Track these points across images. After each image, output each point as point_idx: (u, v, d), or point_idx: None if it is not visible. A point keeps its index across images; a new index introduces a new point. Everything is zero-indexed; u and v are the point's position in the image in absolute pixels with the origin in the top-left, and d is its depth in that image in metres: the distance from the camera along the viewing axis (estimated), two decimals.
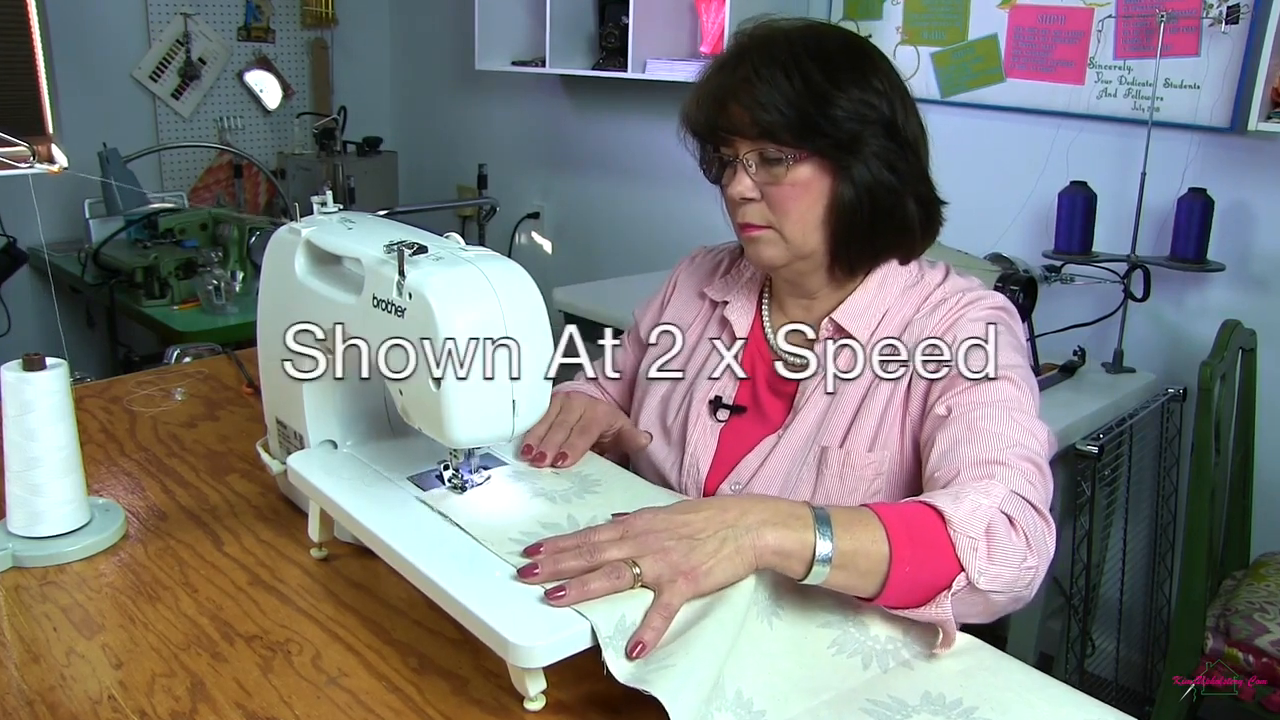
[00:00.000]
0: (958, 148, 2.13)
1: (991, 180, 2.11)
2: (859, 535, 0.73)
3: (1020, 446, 0.83)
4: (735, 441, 1.01)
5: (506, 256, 0.80)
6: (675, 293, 1.15)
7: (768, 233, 0.94)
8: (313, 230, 0.90)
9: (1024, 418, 0.85)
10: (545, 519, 0.79)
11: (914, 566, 0.73)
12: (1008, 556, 0.74)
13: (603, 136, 2.98)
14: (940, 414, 0.87)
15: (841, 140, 0.90)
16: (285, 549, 0.93)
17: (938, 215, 0.98)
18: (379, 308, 0.78)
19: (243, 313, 2.39)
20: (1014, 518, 0.76)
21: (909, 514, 0.76)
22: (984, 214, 2.09)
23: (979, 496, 0.76)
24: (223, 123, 3.29)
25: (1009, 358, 0.90)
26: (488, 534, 0.76)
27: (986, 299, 0.95)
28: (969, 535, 0.74)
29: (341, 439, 0.94)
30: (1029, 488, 0.80)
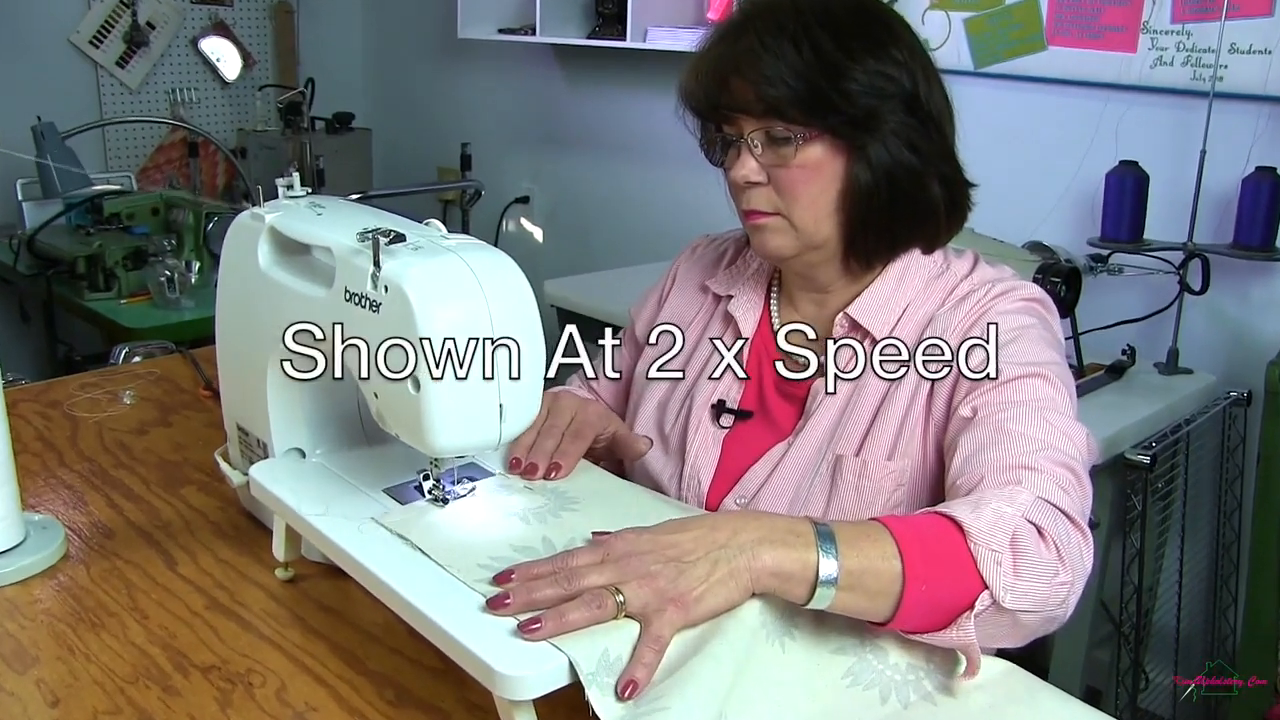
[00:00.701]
0: (993, 125, 2.13)
1: (1031, 160, 2.11)
2: (867, 552, 0.72)
3: (1053, 450, 0.82)
4: (740, 450, 1.01)
5: (492, 246, 0.80)
6: (675, 287, 1.15)
7: (775, 220, 0.95)
8: (278, 216, 0.90)
9: (1058, 418, 0.85)
10: (519, 541, 0.79)
11: (931, 585, 0.72)
12: (1037, 571, 0.74)
13: (599, 113, 2.99)
14: (965, 416, 0.87)
15: (856, 117, 0.90)
16: (247, 569, 0.93)
17: (965, 199, 0.98)
18: (352, 302, 0.79)
19: (199, 307, 2.39)
20: (1043, 528, 0.75)
21: (923, 526, 0.75)
22: (1022, 198, 2.09)
23: (1001, 504, 0.75)
24: (175, 95, 3.30)
25: (1043, 353, 0.90)
26: (454, 559, 0.76)
27: (1018, 290, 0.95)
28: (991, 548, 0.73)
29: (310, 447, 0.94)
30: (1061, 494, 0.79)
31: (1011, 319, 0.92)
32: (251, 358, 0.93)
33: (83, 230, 2.64)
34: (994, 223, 1.63)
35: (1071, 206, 2.08)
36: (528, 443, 0.93)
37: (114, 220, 2.64)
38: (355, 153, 3.28)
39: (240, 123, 3.43)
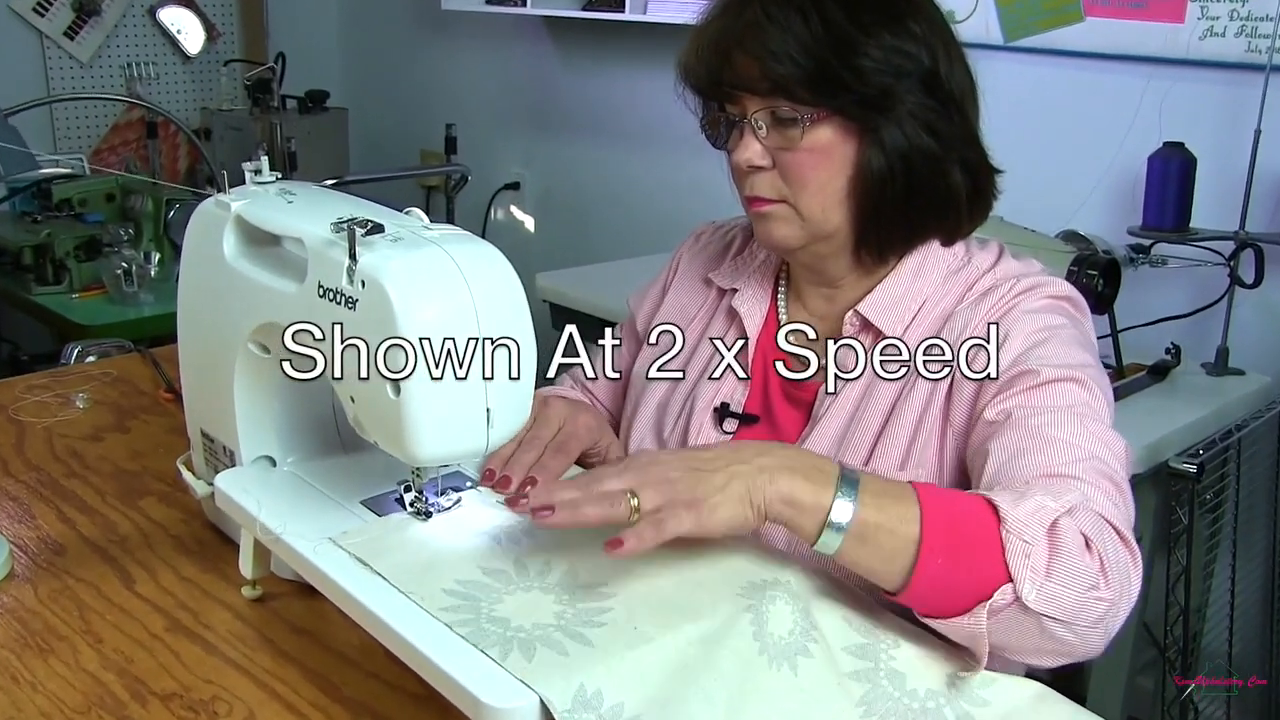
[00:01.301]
0: (1025, 103, 2.13)
1: (1066, 142, 2.11)
2: (888, 509, 0.74)
3: (1096, 460, 0.83)
4: None
5: (479, 236, 0.81)
6: (676, 278, 1.16)
7: (780, 208, 0.95)
8: (245, 204, 0.91)
9: (1097, 427, 0.86)
10: (489, 563, 0.79)
11: (949, 561, 0.73)
12: (1072, 576, 0.74)
13: (596, 92, 2.99)
14: (994, 419, 0.88)
15: (870, 96, 0.90)
16: (211, 587, 0.94)
17: (990, 186, 0.98)
18: (326, 298, 0.79)
19: (159, 302, 2.40)
20: (1090, 537, 0.76)
21: (957, 501, 0.77)
22: (1056, 183, 2.09)
23: (1045, 498, 0.76)
24: (131, 70, 3.29)
25: (1075, 355, 0.90)
26: (416, 584, 0.76)
27: (1045, 286, 0.95)
28: (1024, 539, 0.73)
29: (281, 455, 0.95)
30: (1109, 506, 0.80)
31: (1038, 318, 0.92)
32: (217, 357, 0.94)
33: (29, 218, 2.64)
34: (1025, 210, 1.63)
35: (1110, 192, 2.08)
36: (506, 454, 0.94)
37: (64, 207, 2.64)
38: (330, 134, 3.28)
39: (204, 101, 3.44)
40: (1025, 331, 0.91)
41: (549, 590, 0.76)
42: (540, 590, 0.76)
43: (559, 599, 0.75)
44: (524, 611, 0.73)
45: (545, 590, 0.76)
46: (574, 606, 0.74)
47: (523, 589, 0.76)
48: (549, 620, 0.72)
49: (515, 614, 0.73)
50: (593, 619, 0.72)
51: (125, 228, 2.55)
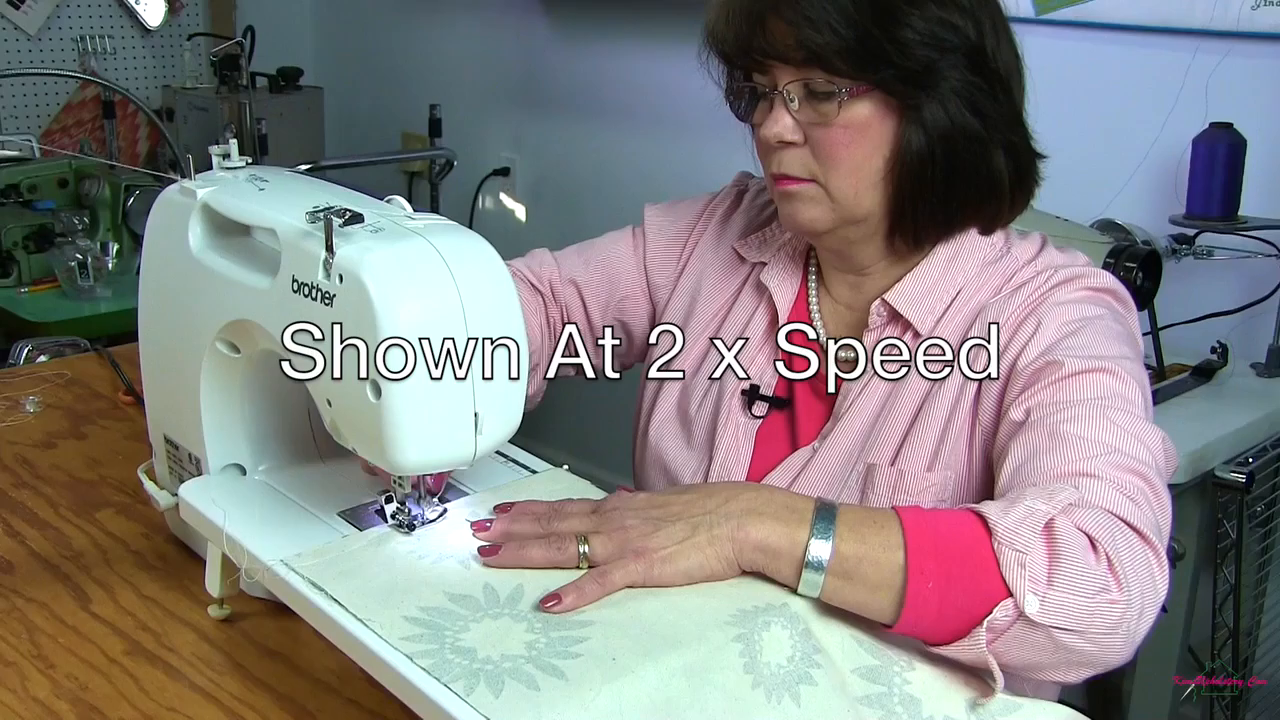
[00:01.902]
0: (1057, 81, 2.13)
1: (1102, 123, 2.11)
2: (868, 538, 0.76)
3: (1118, 453, 0.82)
4: (774, 447, 1.03)
5: (466, 227, 0.81)
6: (702, 240, 1.14)
7: (809, 187, 0.96)
8: (212, 191, 0.91)
9: (1126, 418, 0.85)
10: (456, 588, 0.79)
11: (941, 584, 0.74)
12: (1077, 581, 0.74)
13: (593, 69, 2.99)
14: (1016, 419, 0.88)
15: (912, 72, 0.91)
16: (175, 607, 0.94)
17: (1033, 172, 0.99)
18: (300, 293, 0.79)
19: (118, 297, 2.39)
20: (1095, 537, 0.76)
21: (942, 520, 0.77)
22: (1091, 168, 2.10)
23: (1036, 502, 0.76)
24: (85, 44, 3.29)
25: (1111, 347, 0.90)
26: (376, 610, 0.75)
27: (1085, 278, 0.96)
28: (1015, 548, 0.74)
29: (252, 463, 0.95)
30: (1127, 504, 0.79)
31: (1072, 309, 0.93)
32: (181, 357, 0.94)
33: None
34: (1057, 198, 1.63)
35: (1151, 178, 2.08)
36: None
37: (11, 193, 2.63)
38: (304, 116, 3.28)
39: (166, 78, 3.44)
40: (1057, 322, 0.92)
41: (520, 618, 0.75)
42: (510, 618, 0.75)
43: (531, 627, 0.74)
44: (492, 641, 0.73)
45: (516, 618, 0.75)
46: (547, 635, 0.73)
47: (491, 616, 0.75)
48: (519, 651, 0.72)
49: (482, 644, 0.72)
50: (567, 649, 0.72)
51: (80, 216, 2.55)
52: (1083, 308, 0.93)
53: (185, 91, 3.25)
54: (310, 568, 0.80)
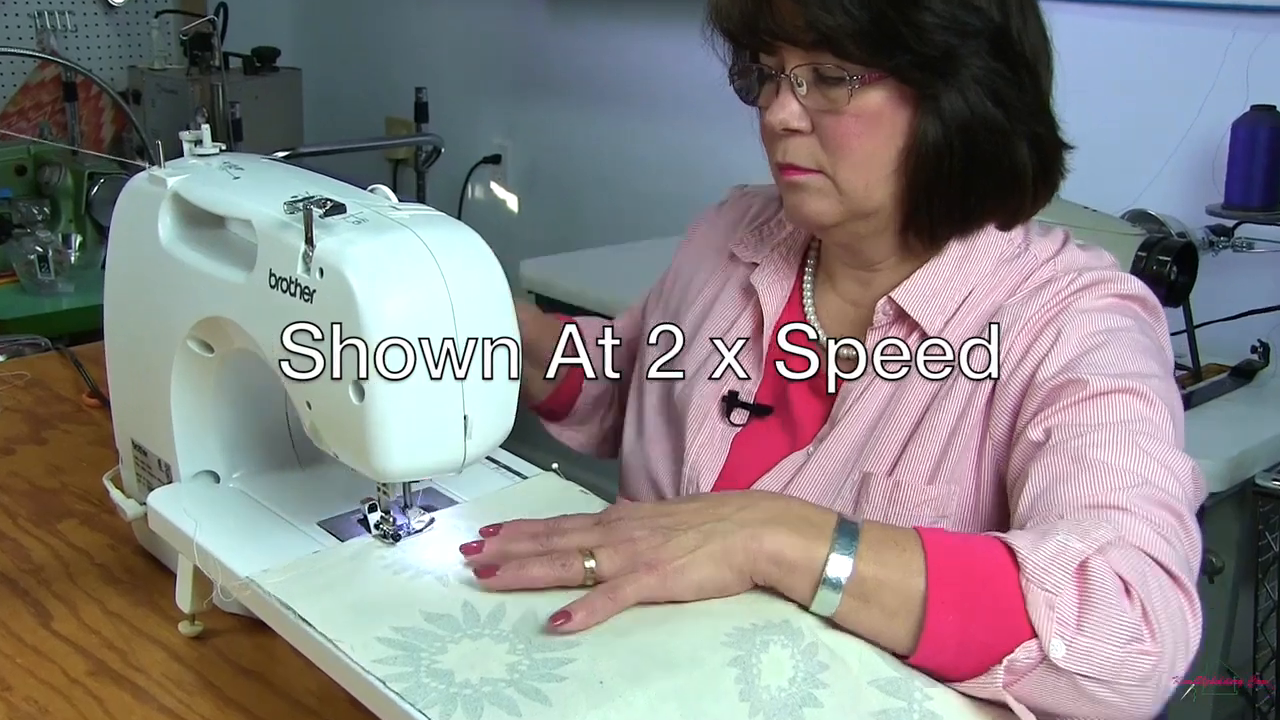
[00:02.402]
0: (1084, 62, 2.13)
1: (1133, 106, 2.11)
2: (889, 561, 0.76)
3: (1149, 486, 0.82)
4: (752, 454, 1.03)
5: (455, 218, 0.81)
6: (688, 245, 1.17)
7: (816, 178, 0.96)
8: (183, 179, 0.91)
9: (1156, 446, 0.85)
10: (435, 607, 0.78)
11: (963, 617, 0.74)
12: (1108, 628, 0.73)
13: (590, 50, 2.99)
14: (1035, 439, 0.88)
15: (929, 58, 0.90)
16: (144, 623, 0.94)
17: (1059, 165, 0.99)
18: (279, 288, 0.80)
19: (81, 293, 2.40)
20: (1129, 581, 0.75)
21: (969, 547, 0.77)
22: (1122, 155, 2.09)
23: (1069, 538, 0.76)
24: (44, 20, 3.28)
25: (1139, 363, 0.90)
26: (348, 631, 0.75)
27: (1112, 283, 0.95)
28: (1044, 588, 0.73)
29: (226, 470, 0.96)
30: (1159, 543, 0.79)
31: (1097, 319, 0.92)
32: (151, 357, 0.94)
33: None
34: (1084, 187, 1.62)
35: (1186, 165, 2.08)
36: None
37: None
38: (281, 99, 3.28)
39: (132, 58, 3.44)
40: (1081, 333, 0.91)
41: (501, 638, 0.75)
42: (491, 638, 0.75)
43: (513, 648, 0.74)
44: (471, 663, 0.72)
45: (497, 638, 0.75)
46: (530, 657, 0.73)
47: (470, 636, 0.75)
48: (500, 674, 0.72)
49: (461, 666, 0.72)
50: (551, 672, 0.72)
51: (39, 206, 2.55)
52: (1108, 318, 0.93)
53: (153, 72, 3.25)
54: (278, 584, 0.80)
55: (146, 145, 1.43)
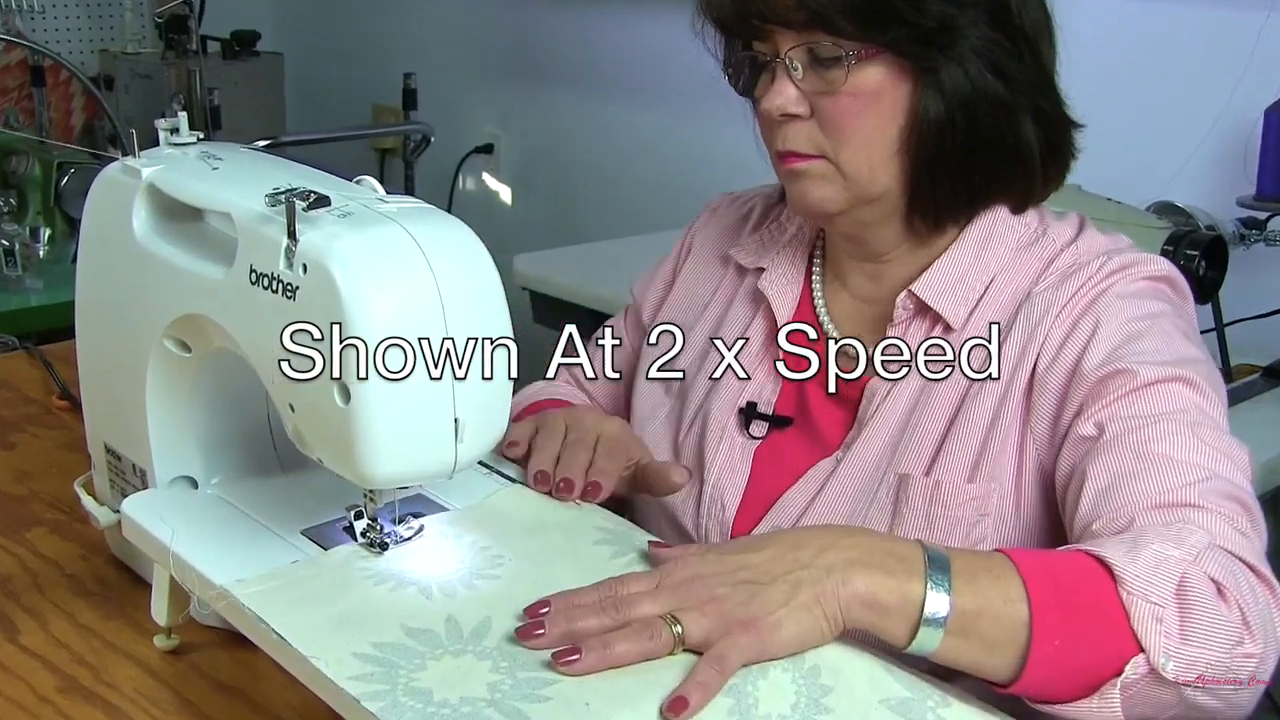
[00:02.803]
0: (1107, 46, 2.13)
1: (1160, 94, 2.12)
2: (985, 590, 0.75)
3: (1216, 478, 0.83)
4: (776, 467, 1.03)
5: (445, 211, 0.81)
6: (690, 259, 1.18)
7: (818, 164, 0.96)
8: (159, 170, 0.91)
9: (1214, 435, 0.86)
10: (415, 621, 0.78)
11: (1067, 641, 0.74)
12: (1212, 635, 0.74)
13: (588, 35, 2.99)
14: (1087, 434, 0.89)
15: (927, 30, 0.91)
16: (116, 637, 0.94)
17: (1067, 141, 1.00)
18: (260, 285, 0.80)
19: (50, 289, 2.39)
20: (1223, 583, 0.76)
21: (1061, 565, 0.77)
22: (1147, 144, 2.10)
23: (1166, 546, 0.77)
24: (9, 1, 3.28)
25: (1181, 349, 0.91)
26: (324, 646, 0.75)
27: (1139, 265, 0.97)
28: (1150, 600, 0.74)
29: (204, 475, 0.96)
30: (1239, 539, 0.80)
31: (1135, 305, 0.94)
32: (125, 357, 0.94)
33: None
34: (1107, 178, 1.64)
35: (1215, 154, 2.08)
36: (552, 454, 0.96)
37: None
38: (261, 85, 3.29)
39: (104, 41, 3.44)
40: (1120, 320, 0.93)
41: (484, 655, 0.75)
42: (474, 655, 0.75)
43: (496, 666, 0.74)
44: (451, 681, 0.72)
45: (480, 655, 0.75)
46: (514, 676, 0.73)
47: (452, 653, 0.75)
48: (480, 693, 0.72)
49: (440, 685, 0.72)
50: (535, 692, 0.72)
51: (5, 197, 2.54)
52: (1145, 303, 0.94)
53: (126, 57, 3.25)
54: (253, 595, 0.80)
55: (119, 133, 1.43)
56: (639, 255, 1.45)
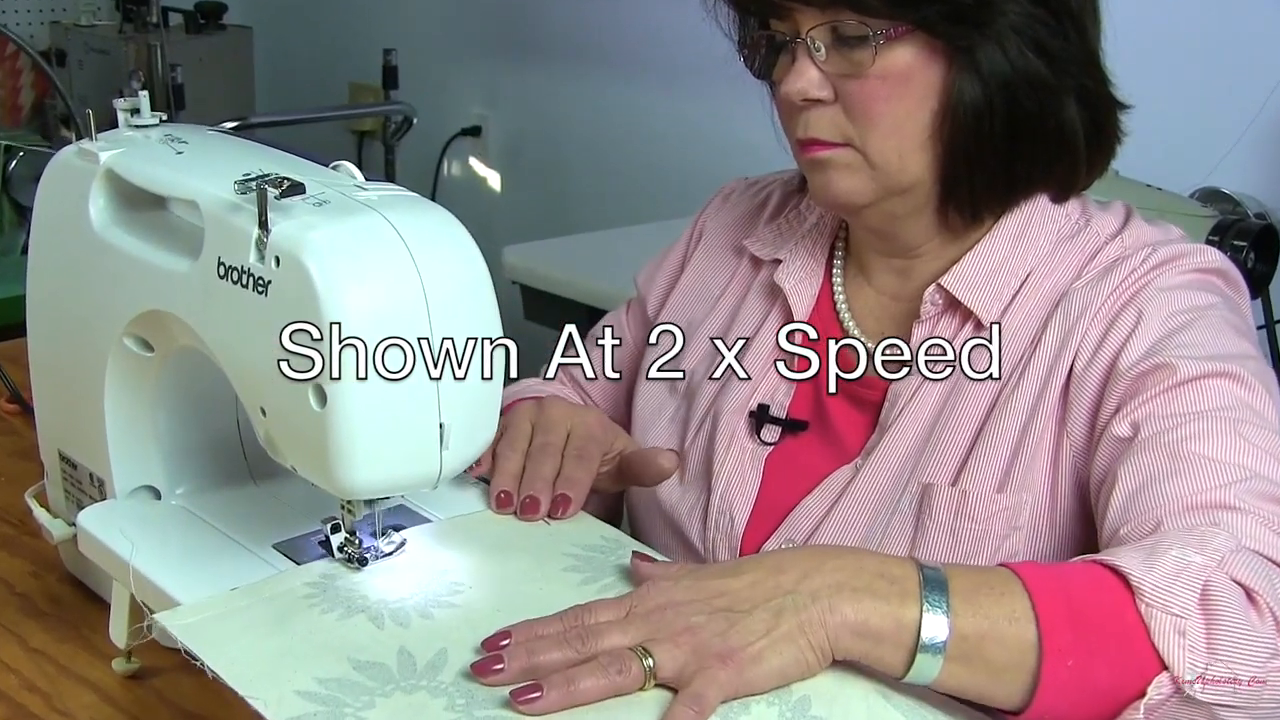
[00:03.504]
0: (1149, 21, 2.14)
1: (1205, 73, 2.12)
2: (988, 610, 0.74)
3: (1257, 478, 0.83)
4: (789, 476, 1.03)
5: (429, 198, 0.82)
6: (700, 249, 1.18)
7: (843, 153, 0.96)
8: (118, 154, 0.91)
9: (1259, 434, 0.86)
10: (364, 654, 0.77)
11: (1081, 662, 0.74)
12: (1242, 647, 0.73)
13: (582, 9, 2.99)
14: (1122, 435, 0.89)
15: (962, 6, 0.91)
16: (71, 661, 0.94)
17: (1114, 125, 1.00)
18: (229, 279, 0.80)
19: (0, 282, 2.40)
20: (1253, 589, 0.76)
21: (1072, 578, 0.77)
22: (1192, 127, 2.10)
23: (1186, 551, 0.76)
24: None
25: (1231, 343, 0.91)
26: (262, 684, 0.74)
27: (1188, 257, 0.97)
28: (1171, 612, 0.73)
29: (168, 485, 0.96)
30: (1277, 541, 0.80)
31: (1179, 297, 0.93)
32: (81, 357, 0.95)
33: None
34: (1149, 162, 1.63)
35: (1266, 137, 2.08)
36: (513, 470, 0.95)
37: None
38: (228, 62, 3.29)
39: (54, 13, 3.44)
40: (1164, 313, 0.92)
41: (439, 691, 0.74)
42: (428, 691, 0.74)
43: (451, 703, 0.73)
44: None
45: (434, 691, 0.74)
46: (471, 715, 0.72)
47: (404, 690, 0.74)
48: None
49: None
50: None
51: None
52: (1191, 295, 0.94)
53: (80, 29, 3.25)
54: (187, 628, 0.79)
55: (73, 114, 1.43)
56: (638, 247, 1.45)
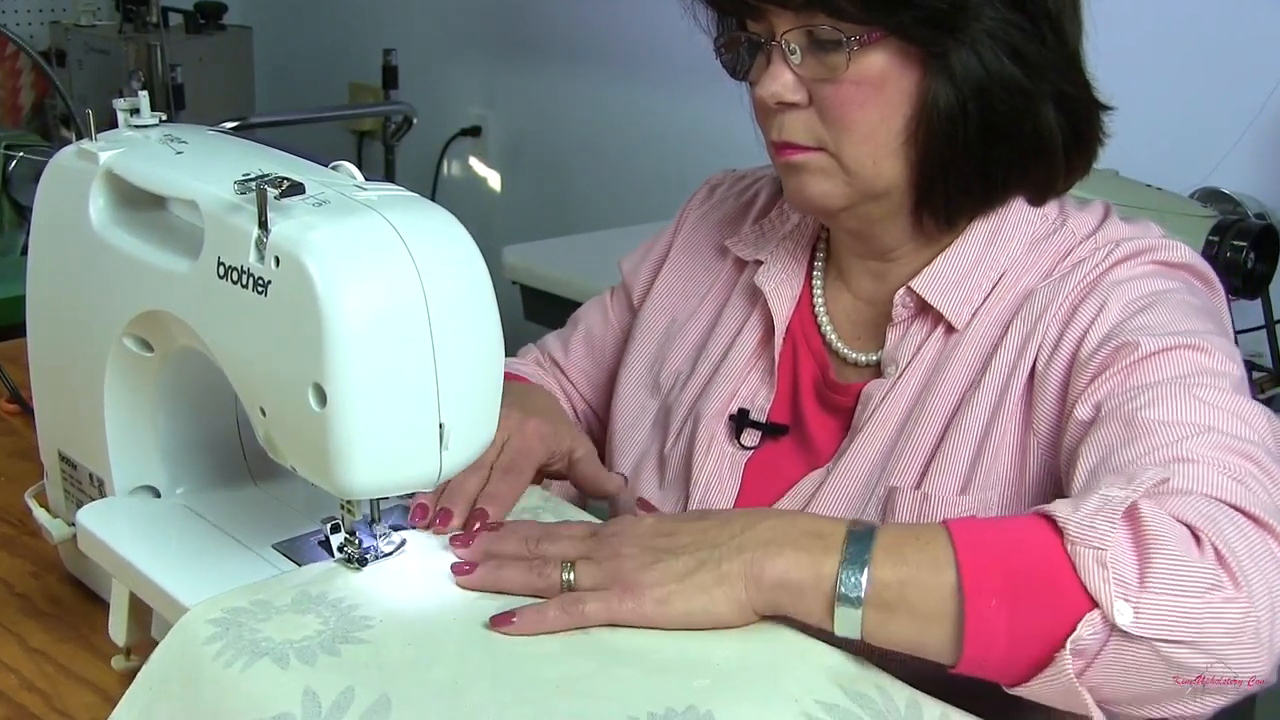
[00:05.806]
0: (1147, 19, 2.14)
1: (1205, 71, 2.12)
2: (911, 559, 0.76)
3: (1214, 433, 0.81)
4: (767, 480, 1.04)
5: (429, 198, 0.82)
6: (680, 241, 1.18)
7: (817, 157, 0.96)
8: (118, 154, 0.92)
9: (1221, 395, 0.84)
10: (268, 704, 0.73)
11: (1008, 603, 0.73)
12: (1176, 578, 0.72)
13: (582, 9, 2.99)
14: (1084, 418, 0.88)
15: (936, 11, 0.91)
16: (71, 660, 0.94)
17: (1095, 128, 1.00)
18: (228, 279, 0.80)
19: None
20: (1194, 525, 0.74)
21: (1004, 528, 0.78)
22: (1191, 126, 2.10)
23: (1110, 490, 0.76)
24: None
25: (1191, 322, 0.90)
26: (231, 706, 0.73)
27: (1154, 251, 0.96)
28: (1092, 545, 0.72)
29: (168, 485, 0.96)
30: (1231, 485, 0.78)
31: (1140, 284, 0.93)
32: (81, 357, 0.95)
33: None
34: (1147, 162, 1.64)
35: (1266, 136, 2.08)
36: None
37: None
38: (229, 62, 3.29)
39: (55, 13, 3.44)
40: (1123, 301, 0.92)
41: None
42: None
43: None
44: None
45: None
46: None
47: None
48: None
49: None
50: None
51: None
52: (1151, 282, 0.94)
53: (80, 30, 3.25)
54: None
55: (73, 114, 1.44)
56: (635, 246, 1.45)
